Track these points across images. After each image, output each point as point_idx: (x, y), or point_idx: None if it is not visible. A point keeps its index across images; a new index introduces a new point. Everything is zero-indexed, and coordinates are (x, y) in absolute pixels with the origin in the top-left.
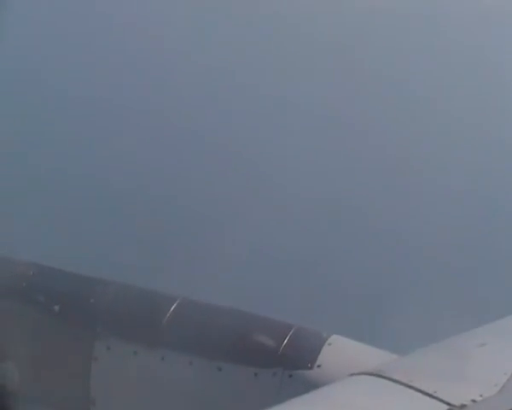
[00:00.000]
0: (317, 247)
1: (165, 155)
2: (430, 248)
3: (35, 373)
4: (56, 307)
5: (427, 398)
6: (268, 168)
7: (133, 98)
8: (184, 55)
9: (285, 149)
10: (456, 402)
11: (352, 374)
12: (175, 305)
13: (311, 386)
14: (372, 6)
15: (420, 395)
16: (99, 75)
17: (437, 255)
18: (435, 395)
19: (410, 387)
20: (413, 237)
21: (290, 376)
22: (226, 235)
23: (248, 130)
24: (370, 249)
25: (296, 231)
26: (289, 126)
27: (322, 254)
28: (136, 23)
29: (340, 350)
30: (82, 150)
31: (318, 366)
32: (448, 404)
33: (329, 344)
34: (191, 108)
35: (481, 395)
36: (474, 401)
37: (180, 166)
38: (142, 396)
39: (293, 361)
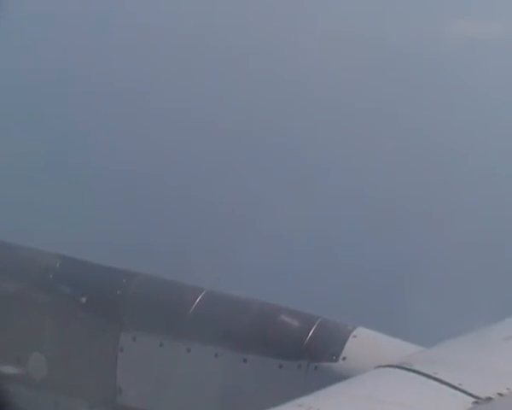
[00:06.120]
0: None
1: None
2: (460, 239)
3: (62, 363)
4: (83, 299)
5: (453, 390)
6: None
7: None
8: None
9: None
10: (482, 395)
11: (377, 366)
12: (200, 297)
13: (336, 378)
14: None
15: (445, 387)
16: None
17: (466, 248)
18: (460, 387)
19: (436, 379)
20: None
21: (315, 368)
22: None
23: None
24: (394, 242)
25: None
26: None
27: (346, 243)
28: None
29: (365, 342)
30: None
31: (343, 359)
32: (473, 397)
33: (354, 337)
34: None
35: (508, 389)
36: (500, 394)
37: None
38: (168, 387)
39: (318, 353)
